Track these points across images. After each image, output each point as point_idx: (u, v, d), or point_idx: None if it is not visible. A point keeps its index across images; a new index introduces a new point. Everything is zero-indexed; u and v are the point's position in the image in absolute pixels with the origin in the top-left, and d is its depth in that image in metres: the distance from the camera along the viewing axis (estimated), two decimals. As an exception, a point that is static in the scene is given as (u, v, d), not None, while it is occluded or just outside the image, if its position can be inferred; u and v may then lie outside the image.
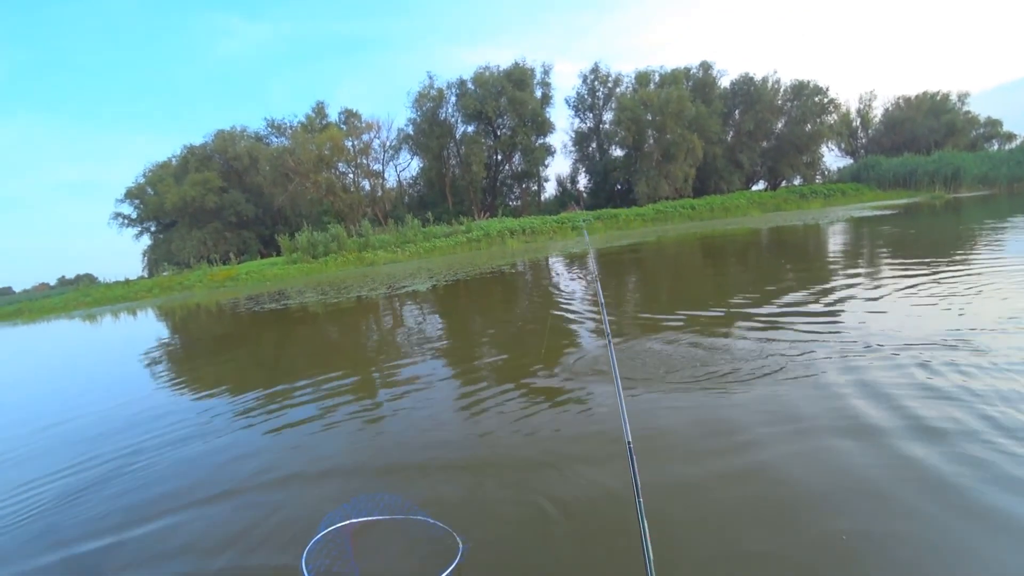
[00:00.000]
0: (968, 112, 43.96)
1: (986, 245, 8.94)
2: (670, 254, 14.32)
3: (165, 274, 33.09)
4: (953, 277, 6.20)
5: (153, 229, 41.48)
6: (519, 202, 37.71)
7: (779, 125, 39.79)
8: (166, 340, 10.57)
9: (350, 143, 34.90)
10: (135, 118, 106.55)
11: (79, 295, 28.92)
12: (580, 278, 11.25)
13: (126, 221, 40.81)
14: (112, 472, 3.39)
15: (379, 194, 35.96)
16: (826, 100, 38.60)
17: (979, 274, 6.23)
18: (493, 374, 4.49)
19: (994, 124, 44.78)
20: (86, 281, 49.79)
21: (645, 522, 1.35)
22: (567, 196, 39.23)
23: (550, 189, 42.03)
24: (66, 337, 14.48)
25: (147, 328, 13.99)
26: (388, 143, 36.79)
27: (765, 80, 38.74)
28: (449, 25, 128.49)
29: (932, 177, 34.14)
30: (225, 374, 6.25)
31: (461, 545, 2.03)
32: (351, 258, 26.85)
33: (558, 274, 12.83)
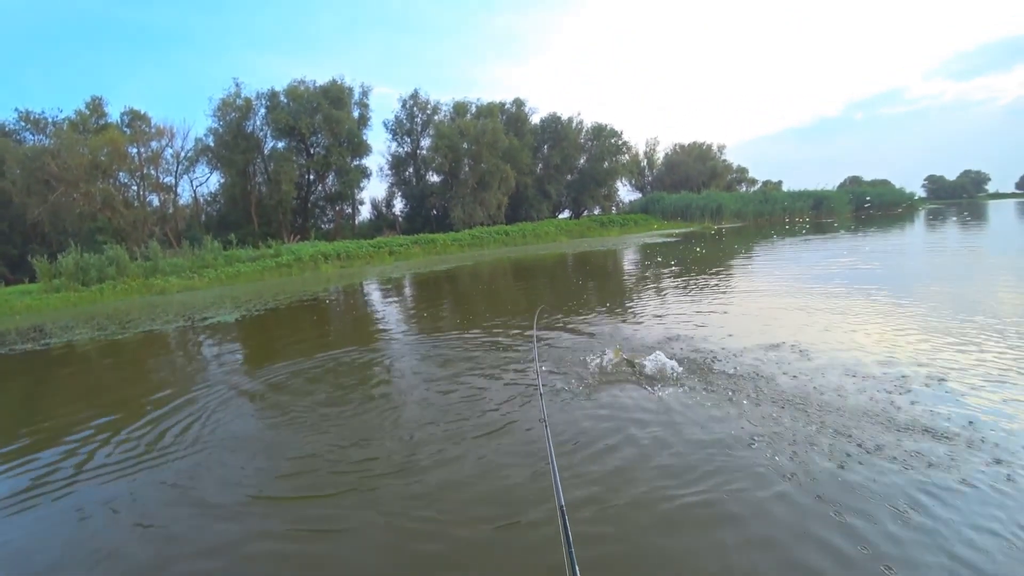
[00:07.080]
0: (725, 160, 55.08)
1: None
2: (485, 277, 16.77)
3: None
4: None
5: None
6: (332, 225, 37.09)
7: (582, 161, 45.46)
8: None
9: (135, 150, 31.13)
10: None
11: None
12: (397, 303, 13.09)
13: None
14: None
15: (170, 211, 32.46)
16: (620, 142, 45.37)
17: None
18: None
19: (742, 171, 56.71)
20: None
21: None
22: (383, 220, 39.56)
23: (365, 212, 41.97)
24: None
25: None
26: (183, 154, 33.43)
27: (570, 120, 44.07)
28: (261, 28, 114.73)
29: (702, 211, 42.30)
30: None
31: None
32: (135, 285, 23.88)
33: (374, 300, 14.03)
